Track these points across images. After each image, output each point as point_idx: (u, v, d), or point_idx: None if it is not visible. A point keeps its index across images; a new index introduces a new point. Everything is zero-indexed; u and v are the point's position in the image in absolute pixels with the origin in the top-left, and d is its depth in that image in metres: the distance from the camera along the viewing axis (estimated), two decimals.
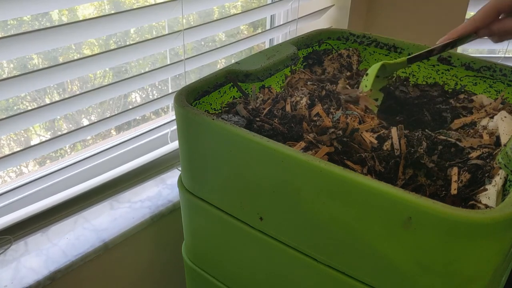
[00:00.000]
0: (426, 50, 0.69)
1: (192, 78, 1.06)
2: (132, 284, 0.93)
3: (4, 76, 0.86)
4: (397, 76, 0.84)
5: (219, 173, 0.61)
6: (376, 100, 0.73)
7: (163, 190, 0.95)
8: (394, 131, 0.61)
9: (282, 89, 0.78)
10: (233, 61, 0.76)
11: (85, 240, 0.81)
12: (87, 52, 1.01)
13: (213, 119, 0.57)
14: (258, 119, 0.64)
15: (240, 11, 1.03)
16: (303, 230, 0.55)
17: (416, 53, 0.70)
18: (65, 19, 0.93)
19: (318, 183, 0.50)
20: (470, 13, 1.30)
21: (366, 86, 0.73)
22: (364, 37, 0.89)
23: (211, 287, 0.75)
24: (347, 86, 0.76)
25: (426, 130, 0.66)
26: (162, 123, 0.99)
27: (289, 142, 0.59)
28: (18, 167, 0.96)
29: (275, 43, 1.25)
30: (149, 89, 1.16)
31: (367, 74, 0.74)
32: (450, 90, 0.80)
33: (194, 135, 0.61)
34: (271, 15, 1.25)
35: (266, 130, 0.62)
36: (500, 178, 0.55)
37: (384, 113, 0.73)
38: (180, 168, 0.90)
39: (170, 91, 1.01)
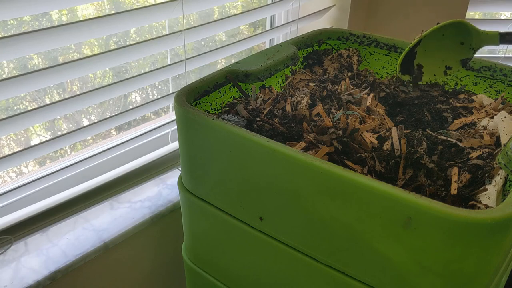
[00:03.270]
0: None
1: (192, 78, 1.06)
2: (132, 284, 0.93)
3: (4, 76, 0.86)
4: (398, 76, 0.84)
5: (219, 173, 0.61)
6: (450, 68, 0.65)
7: (163, 190, 0.95)
8: (394, 131, 0.61)
9: (283, 89, 0.78)
10: (233, 61, 0.76)
11: (85, 240, 0.81)
12: (87, 52, 1.01)
13: (213, 119, 0.57)
14: (258, 119, 0.64)
15: (241, 11, 1.03)
16: (303, 230, 0.55)
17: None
18: (65, 19, 0.93)
19: (318, 183, 0.50)
20: (470, 13, 1.30)
21: (426, 31, 0.64)
22: (364, 37, 0.89)
23: (211, 287, 0.75)
24: (351, 86, 0.76)
25: (427, 130, 0.66)
26: (163, 123, 0.99)
27: (289, 142, 0.59)
28: (18, 167, 0.96)
29: (275, 43, 1.25)
30: (149, 89, 1.16)
31: (438, 23, 0.65)
32: (450, 90, 0.80)
33: (194, 135, 0.61)
34: (271, 16, 1.25)
35: (266, 130, 0.62)
36: (500, 178, 0.55)
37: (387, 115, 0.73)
38: (180, 168, 0.90)
39: (171, 91, 1.01)
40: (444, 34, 0.65)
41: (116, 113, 0.86)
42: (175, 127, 0.99)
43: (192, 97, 0.66)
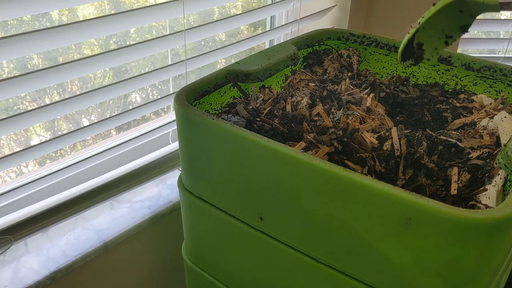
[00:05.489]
0: None
1: (192, 78, 1.06)
2: (132, 284, 0.93)
3: (4, 76, 0.87)
4: (398, 76, 0.84)
5: (219, 173, 0.61)
6: (451, 37, 0.64)
7: (163, 190, 0.95)
8: (394, 131, 0.61)
9: (283, 89, 0.78)
10: (233, 61, 0.76)
11: (85, 240, 0.81)
12: (87, 52, 1.01)
13: (213, 119, 0.57)
14: (258, 119, 0.64)
15: (241, 11, 1.02)
16: (303, 230, 0.55)
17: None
18: (65, 19, 0.93)
19: (318, 183, 0.50)
20: None
21: (422, 17, 0.63)
22: (364, 37, 0.89)
23: (211, 287, 0.75)
24: (351, 86, 0.76)
25: (427, 130, 0.66)
26: (164, 123, 0.99)
27: (289, 142, 0.59)
28: (18, 167, 0.96)
29: (276, 43, 1.25)
30: (149, 89, 1.16)
31: (434, 4, 0.64)
32: (450, 90, 0.80)
33: (194, 135, 0.61)
34: (271, 16, 1.25)
35: (266, 130, 0.62)
36: (500, 178, 0.55)
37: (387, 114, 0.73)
38: (180, 168, 0.90)
39: (171, 91, 1.01)
40: (441, 11, 0.64)
41: (116, 114, 0.86)
42: (175, 127, 0.99)
43: (192, 97, 0.66)
